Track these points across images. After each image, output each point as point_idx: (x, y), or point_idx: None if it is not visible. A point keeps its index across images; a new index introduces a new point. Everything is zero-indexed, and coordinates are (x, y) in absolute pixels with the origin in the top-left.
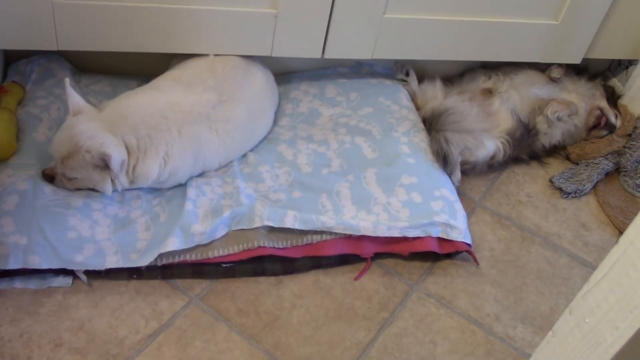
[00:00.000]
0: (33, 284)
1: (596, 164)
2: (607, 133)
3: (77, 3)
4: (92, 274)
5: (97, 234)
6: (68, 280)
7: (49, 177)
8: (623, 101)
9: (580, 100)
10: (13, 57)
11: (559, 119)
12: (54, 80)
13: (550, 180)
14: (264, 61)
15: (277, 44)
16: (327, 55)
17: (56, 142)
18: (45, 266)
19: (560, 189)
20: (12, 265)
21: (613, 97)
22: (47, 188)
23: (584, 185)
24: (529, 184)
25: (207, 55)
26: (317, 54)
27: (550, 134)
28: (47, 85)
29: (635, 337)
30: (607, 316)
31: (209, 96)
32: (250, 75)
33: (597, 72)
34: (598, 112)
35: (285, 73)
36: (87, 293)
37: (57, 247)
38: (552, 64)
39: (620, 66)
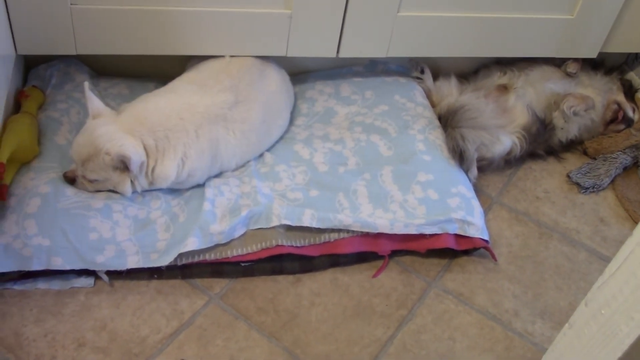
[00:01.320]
0: (56, 284)
1: (614, 158)
2: (624, 127)
3: (94, 8)
4: (114, 274)
5: (117, 235)
6: (90, 280)
7: (70, 180)
8: None
9: (596, 94)
10: (33, 62)
11: (575, 113)
12: (73, 84)
13: (568, 176)
14: (279, 61)
15: (292, 44)
16: (342, 55)
17: (76, 145)
18: (67, 267)
19: (577, 184)
20: (36, 266)
21: (630, 91)
22: (69, 190)
23: (602, 180)
24: (546, 179)
25: (222, 56)
26: (332, 54)
27: (567, 129)
28: (66, 89)
29: None
30: (622, 307)
31: (225, 97)
32: (265, 76)
33: (614, 66)
34: (615, 106)
35: (301, 73)
36: (109, 293)
37: (79, 248)
38: (568, 59)
39: (637, 59)
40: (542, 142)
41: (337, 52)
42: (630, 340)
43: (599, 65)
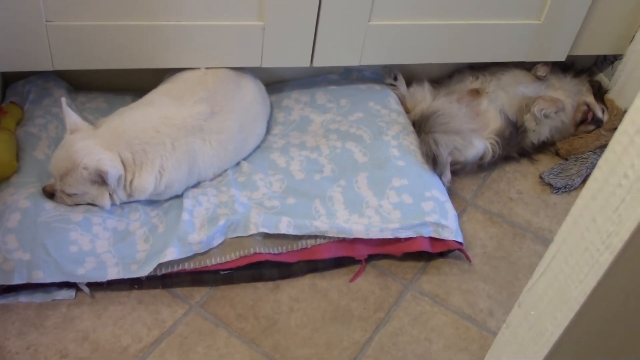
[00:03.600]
0: (38, 297)
1: (585, 158)
2: (594, 128)
3: (69, 24)
4: (95, 286)
5: (97, 247)
6: (71, 292)
7: (49, 194)
8: (610, 95)
9: (566, 96)
10: (11, 79)
11: (546, 116)
12: (51, 100)
13: (540, 177)
14: (254, 72)
15: (267, 54)
16: (316, 64)
17: (55, 160)
18: (48, 280)
19: (550, 185)
20: (17, 280)
21: (600, 92)
22: (48, 204)
23: (574, 180)
24: (520, 181)
25: (198, 68)
26: (306, 63)
27: (539, 131)
28: (44, 104)
29: (570, 325)
30: (547, 308)
31: (201, 108)
32: (241, 87)
33: (584, 68)
34: (585, 108)
35: (277, 82)
36: (90, 304)
37: (60, 261)
38: (538, 63)
39: (606, 61)
40: (514, 145)
41: (311, 61)
42: (554, 338)
43: (568, 67)
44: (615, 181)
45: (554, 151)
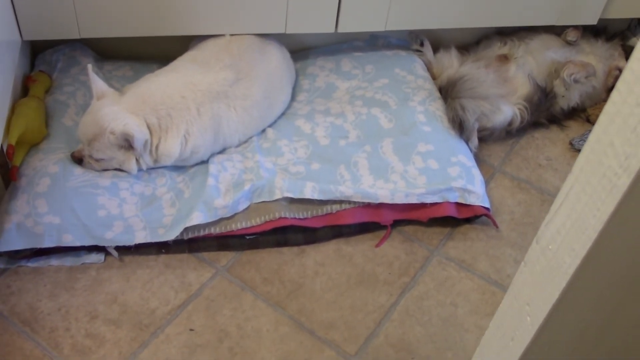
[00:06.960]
0: (68, 261)
1: None
2: None
3: None
4: (123, 250)
5: (125, 212)
6: (100, 256)
7: (78, 160)
8: None
9: (597, 61)
10: (39, 48)
11: (575, 80)
12: (79, 68)
13: (570, 143)
14: (279, 39)
15: (291, 21)
16: (341, 30)
17: (82, 125)
18: (78, 244)
19: (580, 151)
20: (47, 243)
21: None
22: (77, 170)
23: None
24: (549, 147)
25: (223, 35)
26: (331, 29)
27: (568, 97)
28: (72, 72)
29: (587, 256)
30: (565, 240)
31: (226, 75)
32: (265, 53)
33: (616, 32)
34: (617, 73)
35: (302, 50)
36: (119, 268)
37: (88, 225)
38: (568, 27)
39: None
40: (544, 111)
41: (336, 27)
42: (572, 270)
43: (600, 32)
44: (634, 100)
45: (585, 117)
